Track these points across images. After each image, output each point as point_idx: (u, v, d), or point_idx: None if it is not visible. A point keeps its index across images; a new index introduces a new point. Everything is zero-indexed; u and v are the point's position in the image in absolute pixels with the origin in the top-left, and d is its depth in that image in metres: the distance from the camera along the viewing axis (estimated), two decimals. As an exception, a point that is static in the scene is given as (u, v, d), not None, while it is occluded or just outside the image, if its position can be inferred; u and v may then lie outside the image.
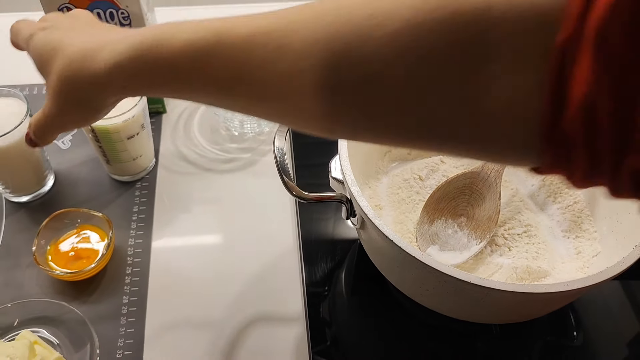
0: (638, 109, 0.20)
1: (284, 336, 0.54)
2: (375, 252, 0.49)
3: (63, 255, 0.57)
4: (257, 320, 0.55)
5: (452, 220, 0.52)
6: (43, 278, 0.57)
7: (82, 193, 0.64)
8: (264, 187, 0.65)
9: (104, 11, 0.61)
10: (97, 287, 0.56)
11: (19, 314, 0.53)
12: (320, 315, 0.55)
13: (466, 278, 0.39)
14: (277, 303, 0.56)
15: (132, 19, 0.61)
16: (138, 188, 0.64)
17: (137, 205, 0.63)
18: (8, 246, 0.59)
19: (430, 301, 0.47)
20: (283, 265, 0.59)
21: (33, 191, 0.62)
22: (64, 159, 0.67)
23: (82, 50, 0.32)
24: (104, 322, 0.54)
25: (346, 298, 0.57)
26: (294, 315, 0.56)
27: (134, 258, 0.59)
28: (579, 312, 0.55)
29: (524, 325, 0.53)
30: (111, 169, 0.64)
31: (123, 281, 0.57)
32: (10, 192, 0.61)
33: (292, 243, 0.60)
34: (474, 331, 0.53)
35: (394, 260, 0.45)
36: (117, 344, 0.53)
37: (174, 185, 0.65)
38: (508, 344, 0.53)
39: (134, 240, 0.60)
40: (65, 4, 0.59)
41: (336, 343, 0.54)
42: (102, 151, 0.60)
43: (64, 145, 0.69)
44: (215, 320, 0.55)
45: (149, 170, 0.66)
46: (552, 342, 0.53)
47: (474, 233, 0.51)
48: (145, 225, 0.61)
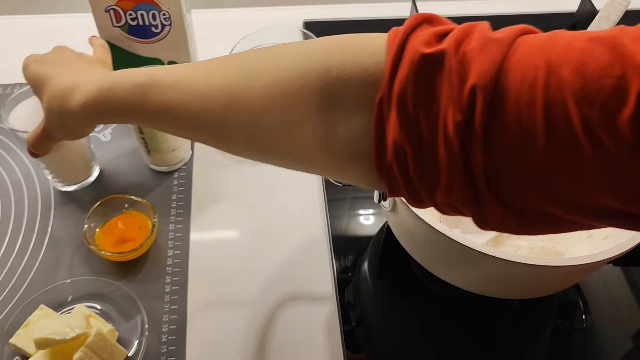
0: (432, 156, 0.27)
1: (314, 315, 0.58)
2: (404, 233, 0.53)
3: (110, 238, 0.61)
4: (289, 300, 0.59)
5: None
6: (92, 259, 0.61)
7: (124, 182, 0.68)
8: (293, 179, 0.70)
9: (147, 12, 0.65)
10: (141, 268, 0.61)
11: (72, 290, 0.58)
12: (345, 299, 0.59)
13: (492, 253, 0.43)
14: (308, 284, 0.61)
15: (172, 20, 0.66)
16: (176, 178, 0.69)
17: (176, 193, 0.68)
18: (59, 231, 0.64)
19: (455, 276, 0.51)
20: (312, 250, 0.63)
21: (80, 180, 0.66)
22: (105, 150, 0.72)
23: (61, 89, 0.41)
24: (149, 299, 0.58)
25: (371, 282, 0.61)
26: (324, 295, 0.60)
27: (174, 242, 0.63)
28: (587, 299, 0.59)
29: (537, 309, 0.57)
30: (151, 160, 0.68)
31: (165, 262, 0.61)
32: (59, 182, 0.66)
33: (320, 230, 0.65)
34: (493, 310, 0.57)
35: (423, 238, 0.49)
36: (162, 319, 0.57)
37: (209, 176, 0.70)
38: (524, 324, 0.57)
39: (174, 225, 0.65)
40: (112, 6, 0.64)
41: (360, 324, 0.58)
42: (145, 142, 0.65)
43: (104, 137, 0.73)
44: (251, 300, 0.59)
45: (185, 161, 0.70)
46: (563, 325, 0.57)
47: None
48: (184, 212, 0.66)
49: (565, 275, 0.47)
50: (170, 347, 0.56)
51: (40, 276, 0.60)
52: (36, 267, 0.61)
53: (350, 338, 0.56)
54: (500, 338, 0.57)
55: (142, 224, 0.62)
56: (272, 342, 0.56)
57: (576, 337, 0.57)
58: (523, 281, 0.47)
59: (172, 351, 0.55)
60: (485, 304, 0.57)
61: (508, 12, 0.95)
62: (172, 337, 0.56)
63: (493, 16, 0.95)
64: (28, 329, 0.54)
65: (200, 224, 0.65)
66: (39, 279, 0.60)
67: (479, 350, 0.56)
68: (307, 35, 0.74)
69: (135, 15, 0.65)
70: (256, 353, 0.56)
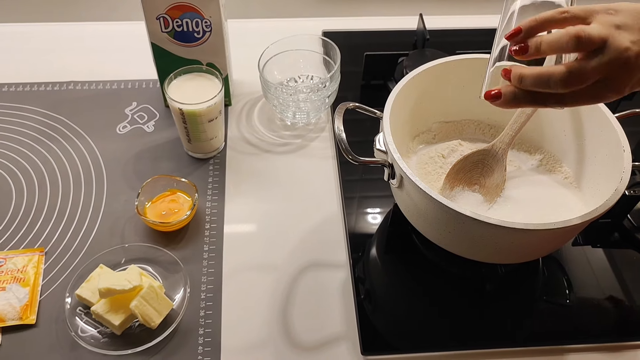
0: None
1: (331, 279, 0.68)
2: (408, 206, 0.63)
3: (157, 212, 0.71)
4: (310, 266, 0.69)
5: (467, 187, 0.67)
6: (141, 229, 0.71)
7: (166, 166, 0.79)
8: (313, 166, 0.80)
9: (191, 20, 0.76)
10: (183, 237, 0.71)
11: (124, 254, 0.68)
12: (356, 275, 0.69)
13: (479, 217, 0.53)
14: (325, 254, 0.70)
15: (212, 27, 0.76)
16: (211, 164, 0.79)
17: (212, 177, 0.78)
18: (112, 205, 0.74)
19: (451, 243, 0.61)
20: (329, 225, 0.73)
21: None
22: (149, 139, 0.82)
23: None
24: (190, 264, 0.68)
25: (378, 257, 0.70)
26: (339, 263, 0.70)
27: (211, 216, 0.73)
28: (570, 276, 0.69)
29: (521, 274, 0.67)
30: (190, 147, 0.79)
31: (203, 233, 0.72)
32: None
33: (336, 209, 0.75)
34: (484, 275, 0.67)
35: (425, 209, 0.59)
36: (201, 280, 0.67)
37: (240, 163, 0.80)
38: (510, 289, 0.67)
39: (210, 203, 0.75)
40: (162, 14, 0.75)
41: (369, 295, 0.67)
42: (186, 131, 0.75)
43: (148, 129, 0.84)
44: (277, 265, 0.69)
45: (220, 150, 0.81)
46: (549, 301, 0.67)
47: (484, 197, 0.66)
48: (218, 192, 0.76)
49: (543, 238, 0.57)
50: (208, 303, 0.65)
51: (97, 243, 0.70)
52: (94, 235, 0.71)
53: (360, 306, 0.66)
54: (490, 300, 0.66)
55: (185, 200, 0.72)
56: (294, 301, 0.66)
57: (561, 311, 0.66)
58: (508, 244, 0.57)
59: (210, 306, 0.65)
60: (478, 268, 0.67)
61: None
62: (210, 295, 0.66)
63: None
64: (91, 283, 0.64)
65: (232, 202, 0.75)
66: (97, 245, 0.70)
67: (471, 310, 0.65)
68: (326, 42, 0.84)
69: (181, 23, 0.76)
70: (281, 310, 0.65)
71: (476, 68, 0.70)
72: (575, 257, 0.70)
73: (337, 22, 1.04)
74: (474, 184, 0.67)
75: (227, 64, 0.82)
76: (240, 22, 0.99)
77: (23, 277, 0.66)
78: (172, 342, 0.62)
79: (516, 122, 0.66)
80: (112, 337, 0.61)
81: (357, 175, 0.79)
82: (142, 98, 0.88)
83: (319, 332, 0.64)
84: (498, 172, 0.65)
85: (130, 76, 0.92)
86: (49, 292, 0.66)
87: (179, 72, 0.75)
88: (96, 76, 0.91)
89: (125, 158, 0.80)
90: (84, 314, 0.63)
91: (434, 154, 0.71)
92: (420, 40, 0.95)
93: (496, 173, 0.66)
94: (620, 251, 0.71)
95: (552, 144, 0.72)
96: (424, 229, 0.63)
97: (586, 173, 0.66)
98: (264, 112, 0.87)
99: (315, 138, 0.84)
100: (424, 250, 0.70)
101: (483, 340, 0.63)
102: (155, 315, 0.61)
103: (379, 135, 0.64)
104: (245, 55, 0.86)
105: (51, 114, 0.85)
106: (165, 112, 0.86)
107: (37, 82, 0.90)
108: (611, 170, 0.60)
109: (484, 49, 0.79)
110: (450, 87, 0.71)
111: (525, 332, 0.64)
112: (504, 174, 0.65)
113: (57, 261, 0.68)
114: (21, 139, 0.82)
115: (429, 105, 0.72)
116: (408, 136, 0.73)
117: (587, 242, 0.72)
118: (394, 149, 0.59)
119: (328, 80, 0.81)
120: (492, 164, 0.66)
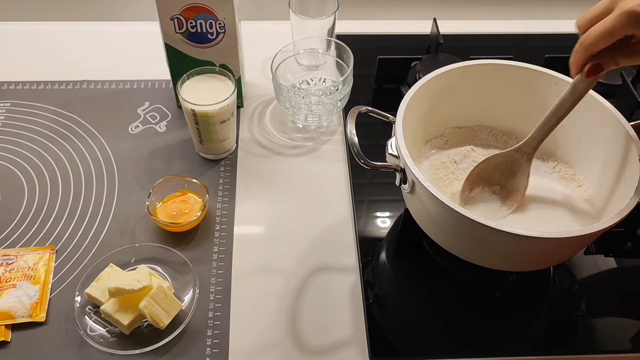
0: None
1: (340, 283, 0.68)
2: (420, 212, 0.62)
3: (168, 212, 0.71)
4: (320, 269, 0.69)
5: (488, 188, 0.66)
6: (151, 229, 0.71)
7: (178, 167, 0.79)
8: (324, 169, 0.80)
9: (205, 21, 0.76)
10: (193, 237, 0.71)
11: (134, 254, 0.68)
12: (365, 279, 0.68)
13: (493, 225, 0.52)
14: (335, 257, 0.70)
15: (226, 28, 0.77)
16: (222, 165, 0.79)
17: (222, 178, 0.78)
18: (123, 204, 0.74)
19: (462, 249, 0.60)
20: (339, 228, 0.73)
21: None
22: (160, 140, 0.83)
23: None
24: (199, 265, 0.68)
25: (388, 262, 0.70)
26: (348, 267, 0.69)
27: (221, 218, 0.73)
28: (581, 285, 0.68)
29: (531, 283, 0.66)
30: (202, 148, 0.79)
31: (213, 234, 0.72)
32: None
33: (346, 212, 0.75)
34: (494, 283, 0.67)
35: (437, 215, 0.59)
36: (210, 281, 0.67)
37: (251, 165, 0.80)
38: (521, 297, 0.67)
39: (221, 204, 0.75)
40: (176, 15, 0.75)
41: (378, 300, 0.67)
42: (198, 132, 0.76)
43: (160, 129, 0.84)
44: (286, 268, 0.69)
45: (231, 151, 0.81)
46: (560, 310, 0.66)
47: (504, 200, 0.65)
48: (229, 193, 0.76)
49: (556, 247, 0.56)
50: (217, 304, 0.65)
51: (107, 242, 0.70)
52: (104, 234, 0.71)
53: (369, 310, 0.65)
54: (500, 308, 0.66)
55: (195, 201, 0.72)
56: (303, 304, 0.66)
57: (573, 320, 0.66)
58: (520, 252, 0.56)
59: (218, 307, 0.65)
60: (489, 275, 0.66)
61: (526, 31, 1.04)
62: (219, 296, 0.66)
63: (511, 35, 1.04)
64: (100, 282, 0.64)
65: (243, 204, 0.75)
66: (107, 244, 0.70)
67: (481, 318, 0.65)
68: (338, 45, 0.84)
69: (195, 24, 0.76)
70: (289, 312, 0.65)
71: (490, 73, 0.69)
72: (586, 265, 0.70)
73: (349, 25, 1.03)
74: (495, 184, 0.66)
75: (240, 66, 0.82)
76: (254, 23, 0.99)
77: (34, 274, 0.66)
78: (180, 343, 0.62)
79: (547, 124, 0.62)
80: (120, 336, 0.61)
81: (367, 178, 0.79)
82: (155, 98, 0.89)
83: (327, 335, 0.63)
84: (521, 177, 0.65)
85: (143, 76, 0.92)
86: (59, 290, 0.66)
87: (192, 73, 0.75)
88: (109, 75, 0.92)
89: (136, 158, 0.80)
90: (93, 313, 0.63)
91: (446, 159, 0.71)
92: (433, 45, 0.95)
93: (519, 177, 0.65)
94: (633, 260, 0.71)
95: (565, 152, 0.71)
96: (435, 235, 0.63)
97: (600, 182, 0.66)
98: (276, 114, 0.87)
99: (326, 141, 0.83)
100: (434, 256, 0.69)
101: (492, 348, 0.63)
102: (164, 316, 0.61)
103: (391, 140, 0.63)
104: (258, 57, 0.87)
105: (64, 112, 0.86)
106: (178, 113, 0.86)
107: (51, 80, 0.91)
108: (626, 179, 0.60)
109: (498, 55, 0.79)
110: (463, 92, 0.71)
111: (535, 340, 0.63)
112: (527, 181, 0.64)
113: (68, 259, 0.69)
114: (34, 136, 0.82)
115: (442, 110, 0.72)
116: (420, 141, 0.72)
117: (599, 250, 0.71)
118: (406, 154, 0.59)
119: (340, 84, 0.81)
120: (514, 168, 0.65)
